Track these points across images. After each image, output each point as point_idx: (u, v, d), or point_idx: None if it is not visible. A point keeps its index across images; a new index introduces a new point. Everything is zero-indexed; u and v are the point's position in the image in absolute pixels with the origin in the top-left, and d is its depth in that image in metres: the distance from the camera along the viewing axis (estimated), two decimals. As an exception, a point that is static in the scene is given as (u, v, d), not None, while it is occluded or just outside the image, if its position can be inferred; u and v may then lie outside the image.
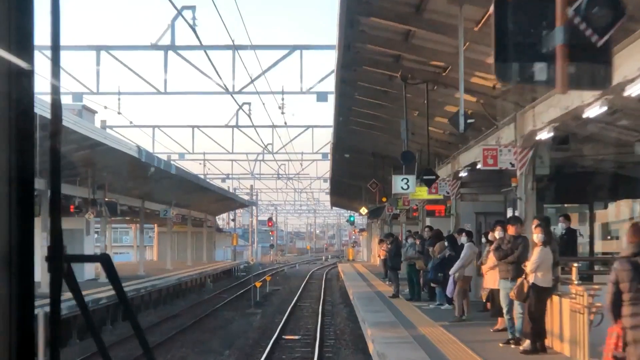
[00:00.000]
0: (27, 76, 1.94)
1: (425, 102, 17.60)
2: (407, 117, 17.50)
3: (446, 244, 21.92)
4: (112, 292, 2.60)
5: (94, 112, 40.96)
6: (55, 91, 2.03)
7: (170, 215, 45.20)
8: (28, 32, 1.96)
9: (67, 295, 2.08)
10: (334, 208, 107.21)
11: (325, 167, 59.43)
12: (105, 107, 29.50)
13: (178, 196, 46.42)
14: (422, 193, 24.95)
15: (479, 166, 15.99)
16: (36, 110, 2.04)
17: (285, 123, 30.61)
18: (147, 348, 2.26)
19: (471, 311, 19.05)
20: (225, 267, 62.74)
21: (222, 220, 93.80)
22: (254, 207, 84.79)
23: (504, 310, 14.99)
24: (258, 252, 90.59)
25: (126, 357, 20.82)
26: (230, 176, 53.15)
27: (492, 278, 16.15)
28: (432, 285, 22.61)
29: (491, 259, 16.08)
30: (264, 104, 32.97)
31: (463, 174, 22.30)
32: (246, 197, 75.43)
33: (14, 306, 1.92)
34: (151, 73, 46.27)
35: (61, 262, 2.00)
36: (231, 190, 71.98)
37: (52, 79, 2.00)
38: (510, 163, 15.49)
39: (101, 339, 2.26)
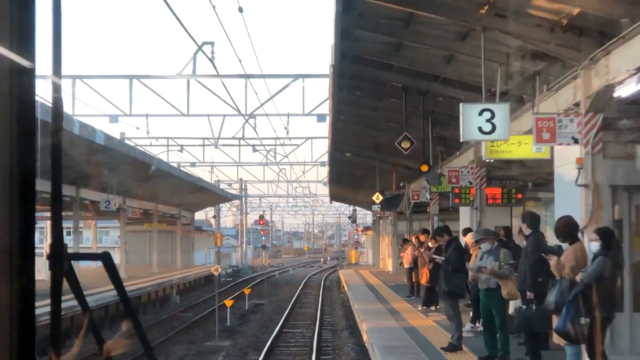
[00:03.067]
0: (28, 74, 1.89)
1: None
2: None
3: (598, 246, 9.36)
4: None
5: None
6: (57, 89, 1.97)
7: (112, 208, 32.55)
8: (29, 31, 1.91)
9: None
10: (333, 203, 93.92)
11: (321, 148, 46.64)
12: None
13: (124, 182, 33.69)
14: (520, 147, 12.32)
15: None
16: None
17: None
18: (148, 348, 2.22)
19: None
20: (202, 274, 49.80)
21: (212, 218, 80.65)
22: (243, 203, 71.78)
23: None
24: (248, 253, 77.75)
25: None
26: (183, 147, 40.00)
27: None
28: (559, 341, 9.85)
29: None
30: (235, 51, 20.46)
31: (625, 91, 9.51)
32: (230, 190, 62.45)
33: (15, 306, 1.87)
34: None
35: (62, 260, 1.93)
36: (213, 182, 59.19)
37: (53, 77, 1.96)
38: None
39: (102, 339, 2.17)
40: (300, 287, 49.45)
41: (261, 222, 78.34)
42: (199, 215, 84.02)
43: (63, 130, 2.04)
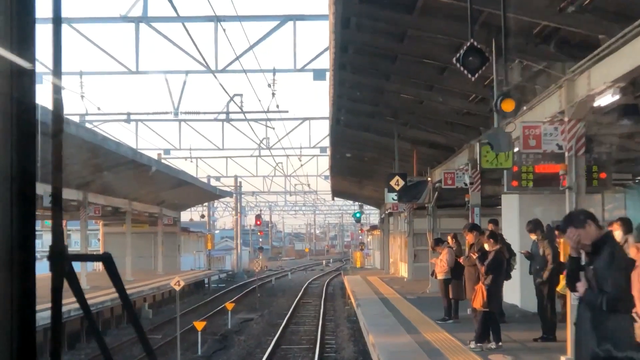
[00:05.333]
0: (28, 76, 1.87)
1: None
2: None
3: None
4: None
5: None
6: (57, 91, 1.92)
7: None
8: (29, 32, 1.88)
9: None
10: (335, 202, 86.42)
11: (321, 131, 39.72)
12: None
13: (76, 172, 26.46)
14: None
15: None
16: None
17: None
18: (149, 349, 2.15)
19: None
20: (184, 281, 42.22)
21: (202, 218, 73.13)
22: (237, 201, 64.31)
23: None
24: (244, 256, 70.38)
25: None
26: (131, 115, 31.71)
27: None
28: None
29: None
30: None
31: None
32: (219, 185, 54.99)
33: (16, 306, 1.85)
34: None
35: (63, 261, 1.91)
36: (205, 178, 51.86)
37: (54, 78, 1.91)
38: None
39: (103, 340, 2.13)
40: (298, 296, 42.25)
41: (258, 223, 71.12)
42: (194, 216, 76.83)
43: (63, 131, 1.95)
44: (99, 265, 52.75)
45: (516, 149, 14.06)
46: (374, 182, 38.37)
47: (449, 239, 17.59)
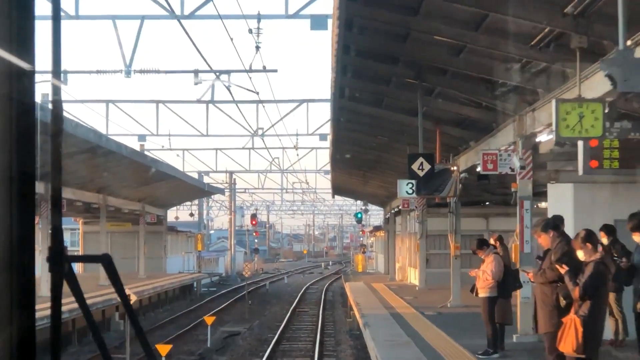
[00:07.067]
0: (28, 77, 1.85)
1: None
2: None
3: None
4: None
5: None
6: (56, 91, 1.91)
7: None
8: (29, 33, 1.86)
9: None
10: (335, 202, 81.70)
11: (321, 116, 35.56)
12: None
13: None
14: None
15: None
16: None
17: None
18: (148, 350, 2.13)
19: None
20: (166, 286, 37.50)
21: (190, 216, 68.22)
22: (230, 199, 59.50)
23: None
24: (238, 258, 65.61)
25: None
26: (68, 72, 26.43)
27: None
28: None
29: None
30: None
31: None
32: (208, 181, 50.15)
33: (15, 306, 1.82)
34: None
35: (62, 262, 1.88)
36: (197, 174, 47.17)
37: (53, 79, 1.89)
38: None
39: (102, 340, 2.09)
40: (294, 303, 37.59)
41: (253, 222, 66.40)
42: (181, 215, 72.18)
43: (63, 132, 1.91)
44: (79, 268, 48.13)
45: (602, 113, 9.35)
46: (380, 176, 33.65)
47: (492, 241, 12.93)
